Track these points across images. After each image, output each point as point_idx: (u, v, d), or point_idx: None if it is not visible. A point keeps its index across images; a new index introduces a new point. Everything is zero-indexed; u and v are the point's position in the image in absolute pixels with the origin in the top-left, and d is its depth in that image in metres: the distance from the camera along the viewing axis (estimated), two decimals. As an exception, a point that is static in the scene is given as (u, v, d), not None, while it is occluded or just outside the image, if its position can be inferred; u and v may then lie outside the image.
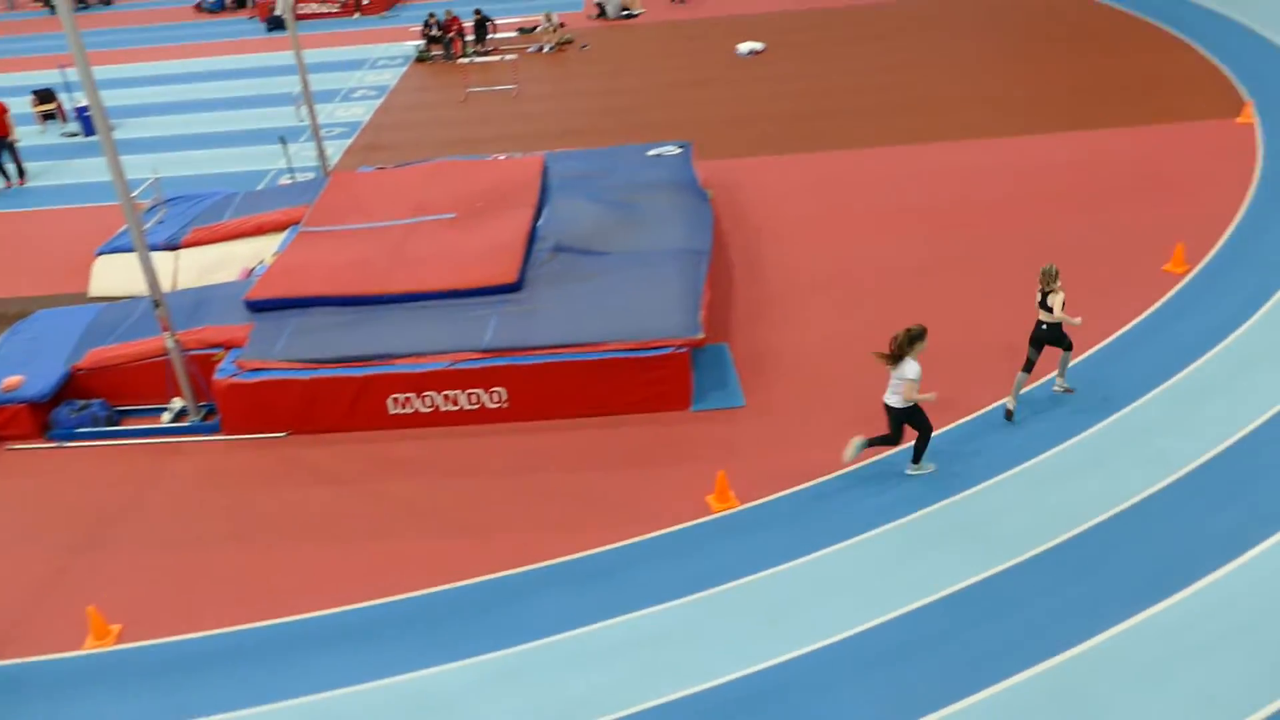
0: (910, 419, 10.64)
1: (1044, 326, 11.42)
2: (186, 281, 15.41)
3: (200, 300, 14.15)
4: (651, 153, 17.58)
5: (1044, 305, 11.29)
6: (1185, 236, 14.38)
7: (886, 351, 10.37)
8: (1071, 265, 14.36)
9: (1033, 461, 10.92)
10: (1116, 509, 10.16)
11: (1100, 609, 9.05)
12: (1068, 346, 11.60)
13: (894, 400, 10.58)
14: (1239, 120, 18.25)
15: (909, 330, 10.30)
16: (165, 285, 14.46)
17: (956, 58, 22.91)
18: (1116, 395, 11.76)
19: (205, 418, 12.88)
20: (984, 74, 21.84)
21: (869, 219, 16.34)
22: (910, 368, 10.30)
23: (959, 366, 12.54)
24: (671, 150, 17.60)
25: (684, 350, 12.25)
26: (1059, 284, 11.27)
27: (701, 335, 12.37)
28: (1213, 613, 8.91)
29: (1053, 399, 11.76)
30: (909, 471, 10.93)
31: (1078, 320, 11.27)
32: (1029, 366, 11.48)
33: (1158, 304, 13.34)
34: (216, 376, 12.56)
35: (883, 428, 10.85)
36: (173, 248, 16.13)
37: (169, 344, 12.39)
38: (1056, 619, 8.99)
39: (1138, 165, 17.10)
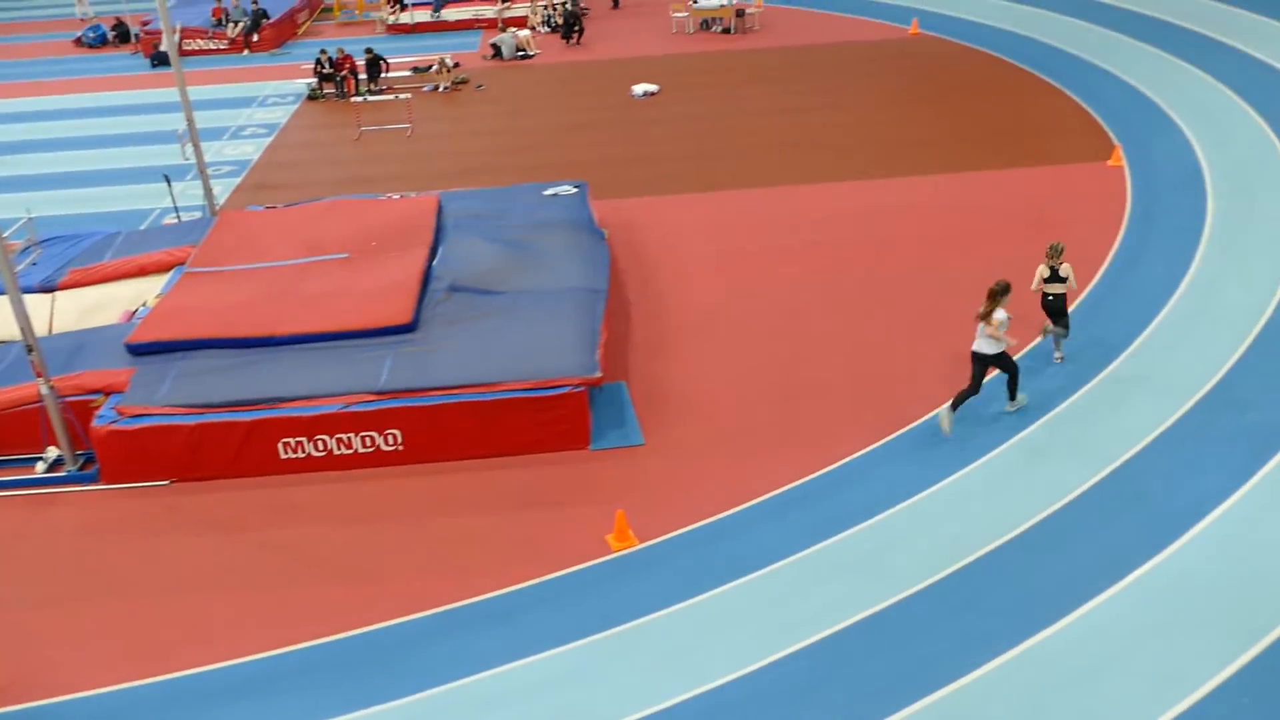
0: (999, 361, 11.88)
1: (1050, 297, 12.86)
2: (64, 325, 14.79)
3: (78, 344, 13.61)
4: (548, 192, 17.61)
5: (1056, 278, 12.71)
6: (1063, 273, 14.95)
7: (982, 309, 11.71)
8: (958, 301, 14.80)
9: (924, 493, 11.15)
10: (1004, 537, 10.43)
11: (988, 638, 9.26)
12: (1066, 325, 13.05)
13: (987, 347, 11.80)
14: (1110, 163, 19.13)
15: (997, 284, 11.69)
16: (40, 329, 13.87)
17: (844, 103, 23.57)
18: (1006, 423, 12.12)
19: (83, 467, 12.35)
20: (871, 119, 22.50)
21: (764, 257, 16.61)
22: (1001, 313, 11.59)
23: (849, 402, 12.78)
24: (568, 190, 17.65)
25: (581, 389, 12.22)
26: (1062, 259, 12.68)
27: (599, 374, 12.36)
28: (1093, 637, 9.20)
29: (938, 434, 12.03)
30: (1008, 409, 12.24)
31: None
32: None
33: (1040, 338, 13.79)
34: (95, 424, 12.07)
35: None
36: (49, 290, 15.49)
37: (43, 390, 11.88)
38: (946, 650, 9.17)
39: (1018, 205, 17.76)
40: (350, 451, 12.17)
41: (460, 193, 17.93)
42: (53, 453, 12.37)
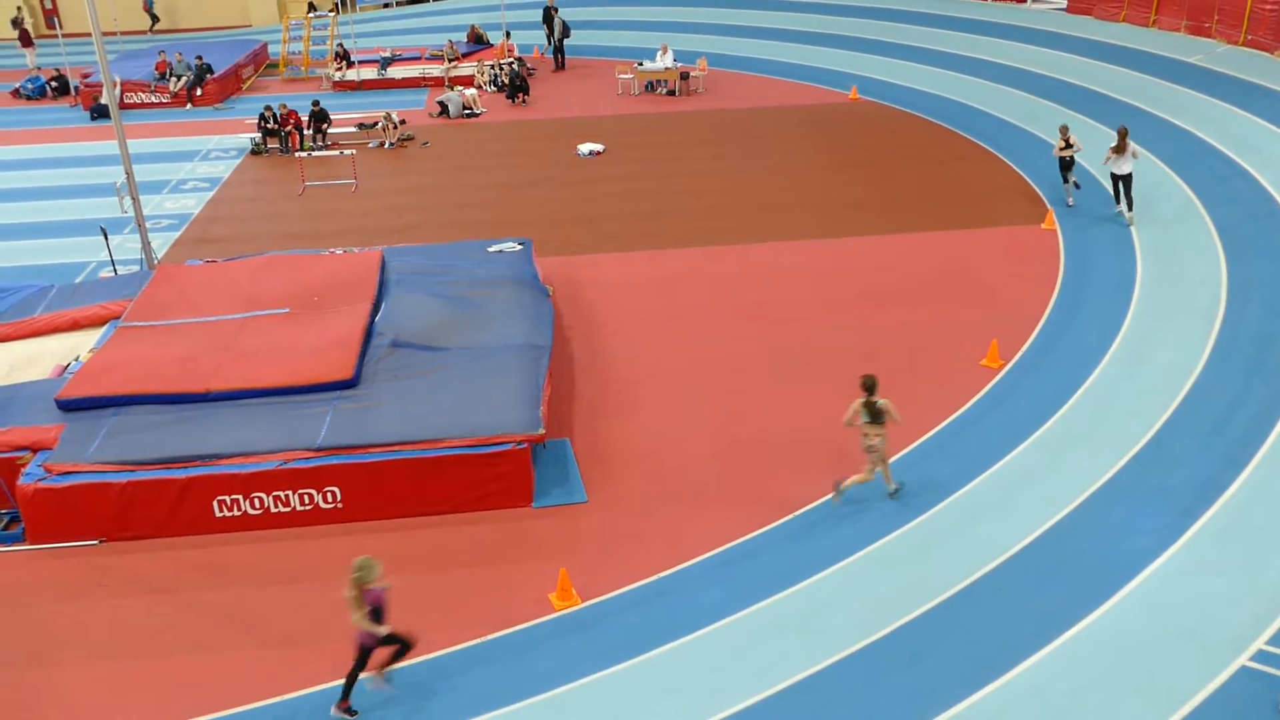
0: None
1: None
2: (-8, 379, 14.44)
3: (6, 399, 13.27)
4: (492, 249, 17.63)
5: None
6: (999, 333, 15.27)
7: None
8: (896, 360, 15.05)
9: (863, 552, 11.22)
10: (943, 596, 10.52)
11: (927, 697, 9.31)
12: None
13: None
14: (1043, 226, 19.65)
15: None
16: (-33, 383, 13.54)
17: (786, 164, 23.99)
18: (942, 484, 12.26)
19: (7, 526, 12.00)
20: (811, 181, 22.92)
21: (707, 315, 16.75)
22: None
23: (790, 460, 12.86)
24: (512, 246, 17.70)
25: (524, 446, 12.16)
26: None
27: (542, 431, 12.32)
28: (1030, 696, 9.28)
29: (879, 491, 12.13)
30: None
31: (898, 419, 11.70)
32: None
33: (976, 397, 14.05)
34: (22, 481, 11.74)
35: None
36: (-23, 343, 15.14)
37: (-31, 447, 11.55)
38: (885, 709, 9.21)
39: (954, 267, 18.14)
40: (288, 510, 11.96)
41: (404, 248, 17.89)
42: (-24, 511, 12.00)
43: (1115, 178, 19.21)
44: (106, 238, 18.60)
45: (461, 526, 11.94)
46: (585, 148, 25.50)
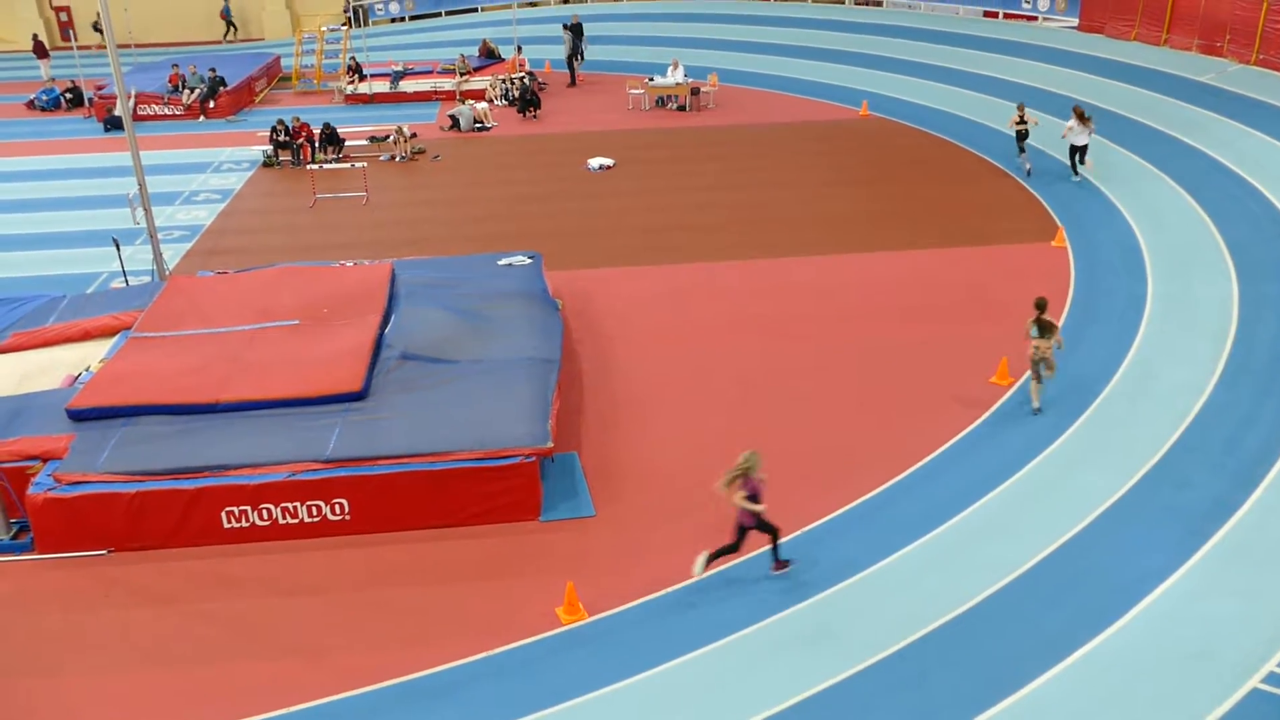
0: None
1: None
2: (3, 389, 14.47)
3: (17, 409, 13.31)
4: (502, 262, 17.68)
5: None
6: (1009, 351, 15.22)
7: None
8: (905, 376, 15.03)
9: (872, 569, 11.18)
10: (952, 614, 10.47)
11: (936, 715, 9.25)
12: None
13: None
14: (1054, 244, 19.62)
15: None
16: (-22, 392, 13.60)
17: (796, 180, 24.02)
18: (950, 502, 12.21)
19: (16, 535, 12.01)
20: (821, 196, 22.94)
21: (717, 330, 16.75)
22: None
23: (802, 474, 12.83)
24: (522, 260, 17.73)
25: (533, 460, 12.16)
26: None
27: (550, 444, 12.32)
28: (1039, 717, 9.19)
29: (883, 508, 12.10)
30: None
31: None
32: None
33: (986, 414, 14.01)
34: (31, 491, 11.76)
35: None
36: (-11, 353, 15.20)
37: (-21, 456, 11.58)
38: (899, 725, 9.12)
39: (964, 284, 18.12)
40: (296, 521, 11.97)
41: (414, 261, 17.95)
42: (-15, 520, 12.03)
43: (1073, 149, 22.24)
44: (119, 248, 18.69)
45: (469, 539, 11.93)
46: (596, 162, 25.56)
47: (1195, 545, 11.26)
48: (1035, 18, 34.37)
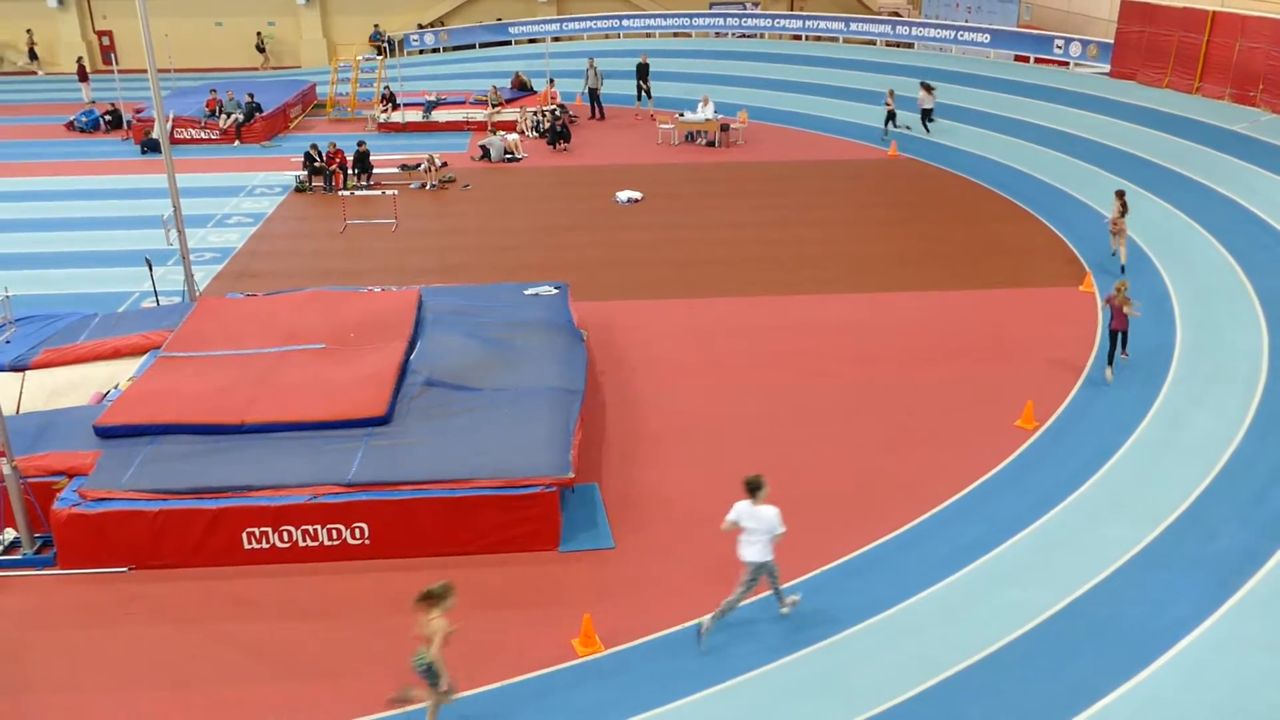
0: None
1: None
2: (32, 404, 14.64)
3: (46, 425, 13.44)
4: (529, 291, 17.76)
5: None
6: (1034, 394, 15.13)
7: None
8: (930, 417, 14.95)
9: (891, 611, 11.06)
10: (972, 659, 10.32)
11: (960, 760, 9.09)
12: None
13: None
14: (1081, 288, 19.52)
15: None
16: (8, 408, 13.73)
17: (824, 218, 24.07)
18: (973, 546, 12.09)
19: (40, 550, 12.08)
20: (849, 235, 22.96)
21: (741, 365, 16.73)
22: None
23: (820, 513, 12.74)
24: (549, 290, 17.81)
25: (554, 490, 12.14)
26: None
27: (572, 475, 12.30)
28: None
29: (903, 550, 12.00)
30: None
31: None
32: None
33: (1010, 458, 13.89)
34: (56, 506, 11.85)
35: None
36: (20, 369, 15.37)
37: (6, 470, 11.68)
38: (917, 771, 8.98)
39: (990, 326, 18.05)
40: (315, 544, 11.98)
41: (441, 288, 18.06)
42: (9, 534, 12.11)
43: (923, 112, 29.52)
44: (151, 269, 18.92)
45: (487, 568, 11.90)
46: (624, 195, 25.71)
47: (1223, 597, 11.08)
48: (1067, 63, 34.41)
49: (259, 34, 43.95)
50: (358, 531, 11.99)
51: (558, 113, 31.89)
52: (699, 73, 37.13)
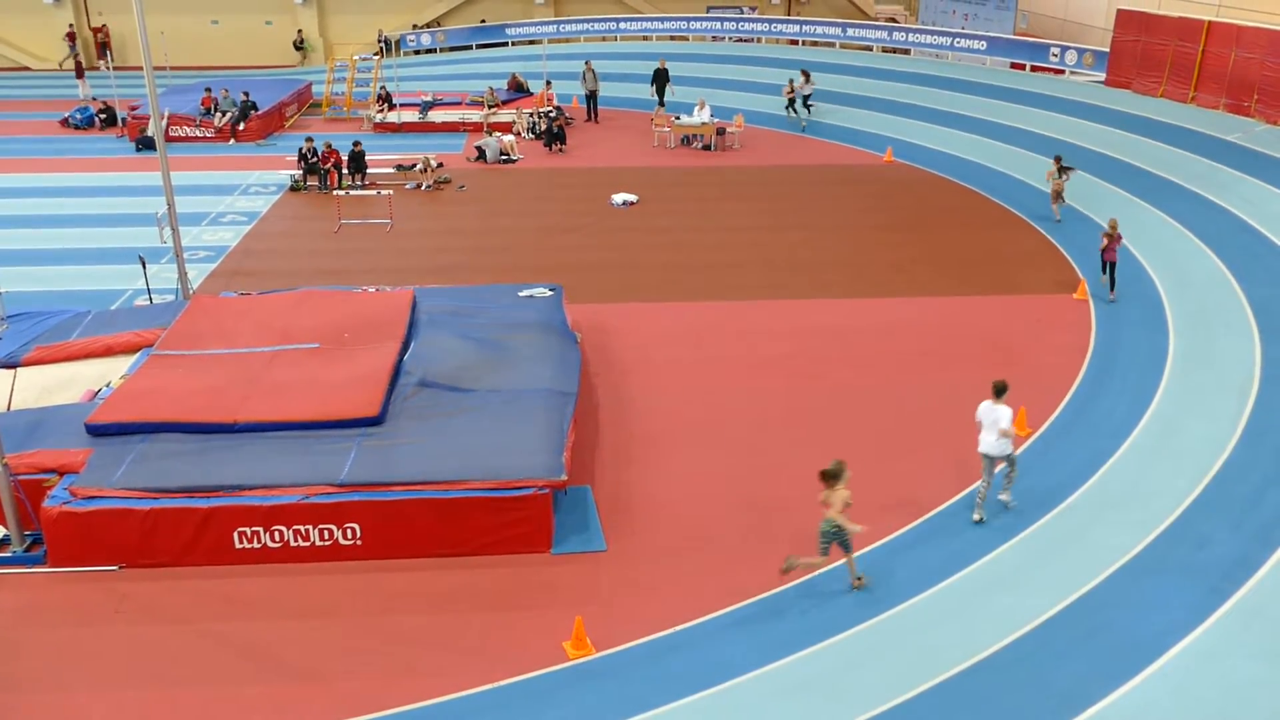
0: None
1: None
2: (24, 402, 14.58)
3: (37, 422, 13.39)
4: (523, 293, 17.74)
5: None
6: (1027, 401, 15.13)
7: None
8: (924, 422, 14.96)
9: (884, 616, 11.06)
10: (963, 664, 10.33)
11: (950, 766, 9.09)
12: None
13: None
14: (1076, 296, 19.56)
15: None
16: (-1, 404, 13.69)
17: (818, 223, 24.08)
18: (963, 552, 12.10)
19: (29, 548, 12.03)
20: (843, 240, 22.98)
21: (734, 368, 16.73)
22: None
23: (813, 518, 12.73)
24: (543, 292, 17.80)
25: (546, 491, 12.13)
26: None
27: (565, 477, 12.29)
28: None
29: (894, 556, 12.00)
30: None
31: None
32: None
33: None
34: (47, 504, 11.80)
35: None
36: (11, 366, 15.31)
37: (-4, 466, 11.64)
38: (908, 776, 8.98)
39: (984, 332, 18.07)
40: (307, 544, 11.95)
41: (436, 289, 18.03)
42: (0, 532, 12.05)
43: (804, 99, 32.10)
44: (144, 266, 18.87)
45: (479, 569, 11.88)
46: (619, 197, 25.70)
47: (1215, 604, 11.10)
48: (1063, 71, 34.48)
49: (299, 32, 43.92)
50: (349, 532, 11.96)
51: (554, 114, 31.88)
52: (695, 76, 37.12)
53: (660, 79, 33.65)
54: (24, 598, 11.43)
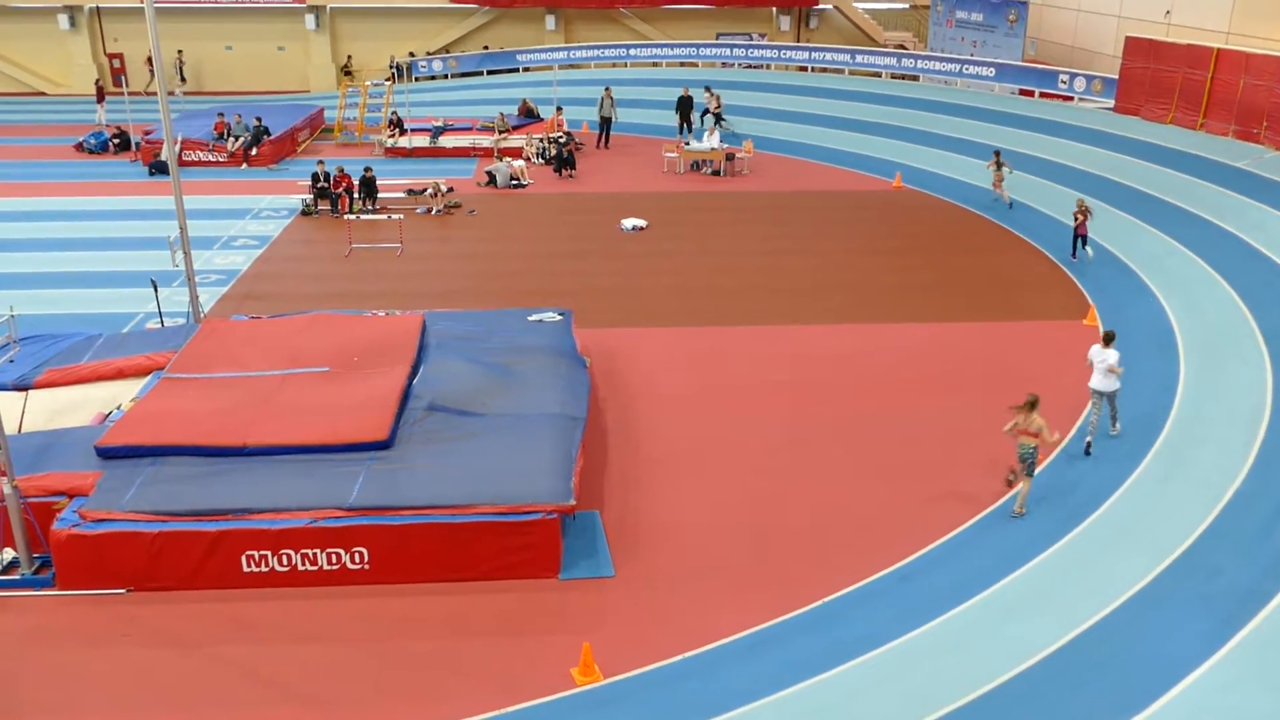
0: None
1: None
2: (34, 424, 14.64)
3: (47, 444, 13.44)
4: (532, 318, 17.78)
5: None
6: (1037, 427, 15.08)
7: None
8: (930, 449, 14.92)
9: (892, 644, 11.00)
10: (972, 695, 10.26)
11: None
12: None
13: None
14: (1085, 322, 19.53)
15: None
16: (10, 427, 13.72)
17: (827, 248, 24.12)
18: (973, 579, 12.03)
19: (38, 570, 12.04)
20: (852, 265, 23.01)
21: (743, 394, 16.72)
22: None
23: (821, 544, 12.70)
24: (552, 316, 17.83)
25: (554, 516, 12.11)
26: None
27: (573, 502, 12.27)
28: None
29: (904, 583, 11.95)
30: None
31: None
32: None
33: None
34: (56, 526, 11.82)
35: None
36: (23, 388, 15.38)
37: (6, 490, 11.67)
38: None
39: (993, 358, 18.04)
40: (315, 568, 11.94)
41: (445, 313, 18.08)
42: (8, 554, 12.07)
43: (715, 117, 33.22)
44: (156, 290, 18.97)
45: (486, 594, 11.86)
46: (629, 223, 25.78)
47: (1227, 635, 11.01)
48: (1071, 98, 34.57)
49: (349, 57, 44.21)
50: (357, 556, 11.95)
51: (564, 140, 32.05)
52: (706, 102, 37.30)
53: (684, 106, 33.78)
54: (32, 620, 11.44)
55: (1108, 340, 14.68)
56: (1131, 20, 34.39)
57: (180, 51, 43.61)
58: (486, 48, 45.07)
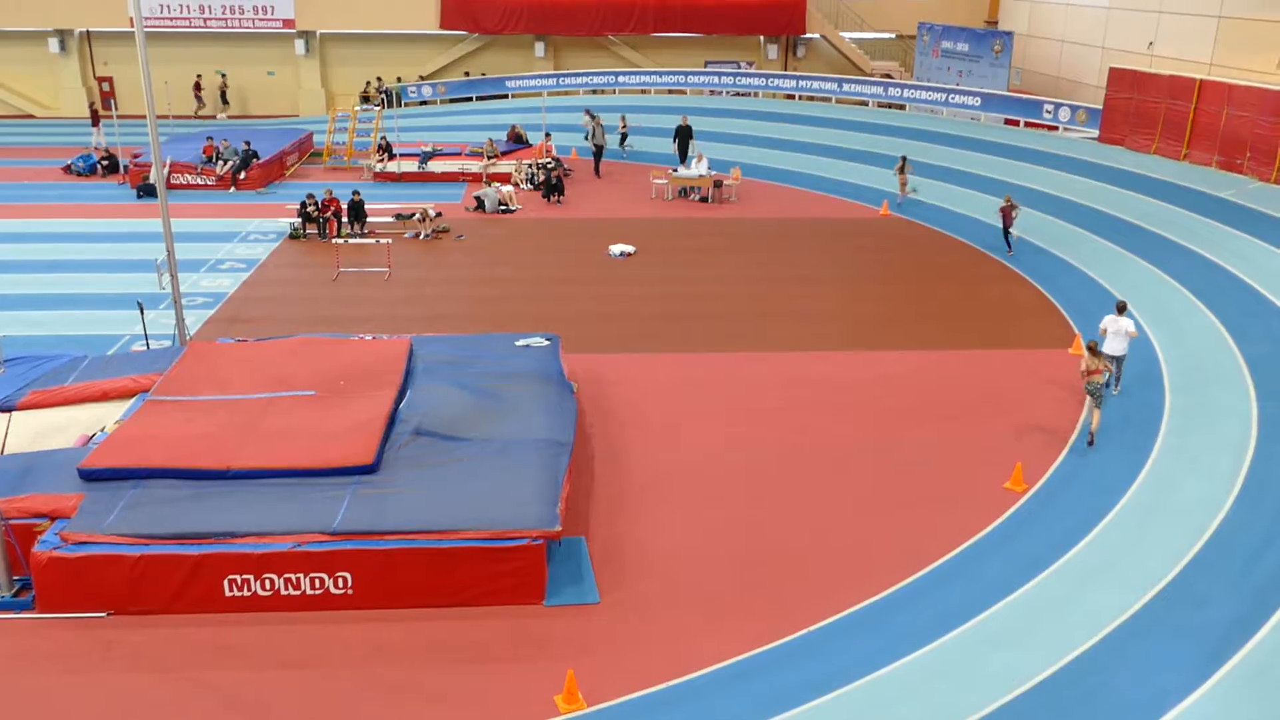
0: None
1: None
2: (17, 446, 14.53)
3: (30, 466, 13.33)
4: (519, 343, 17.77)
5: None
6: (1023, 457, 15.13)
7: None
8: (917, 477, 14.92)
9: (877, 674, 10.95)
10: (961, 723, 10.21)
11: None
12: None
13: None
14: (1071, 351, 19.61)
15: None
16: (-8, 448, 13.63)
17: (814, 275, 24.21)
18: (960, 609, 12.00)
19: (18, 593, 11.92)
20: (839, 293, 23.09)
21: (730, 420, 16.72)
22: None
23: (807, 572, 12.66)
24: (539, 341, 17.82)
25: (540, 543, 12.05)
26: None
27: (559, 528, 12.22)
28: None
29: (890, 612, 11.92)
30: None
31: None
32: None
33: (998, 520, 13.85)
34: (37, 549, 11.71)
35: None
36: (7, 410, 15.27)
37: (-13, 511, 11.56)
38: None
39: (979, 387, 18.09)
40: (298, 593, 11.85)
41: (432, 338, 18.06)
42: (-12, 577, 11.95)
43: (623, 137, 35.86)
44: (143, 312, 18.90)
45: (471, 620, 11.78)
46: (617, 249, 25.84)
47: (1213, 667, 10.99)
48: (1056, 128, 34.89)
49: (379, 78, 44.29)
50: (341, 581, 11.86)
51: (552, 166, 32.15)
52: (694, 129, 37.53)
53: (683, 136, 33.91)
54: (11, 644, 11.30)
55: (1120, 309, 16.84)
56: (1115, 51, 34.81)
57: (224, 75, 43.76)
58: (467, 74, 45.24)
